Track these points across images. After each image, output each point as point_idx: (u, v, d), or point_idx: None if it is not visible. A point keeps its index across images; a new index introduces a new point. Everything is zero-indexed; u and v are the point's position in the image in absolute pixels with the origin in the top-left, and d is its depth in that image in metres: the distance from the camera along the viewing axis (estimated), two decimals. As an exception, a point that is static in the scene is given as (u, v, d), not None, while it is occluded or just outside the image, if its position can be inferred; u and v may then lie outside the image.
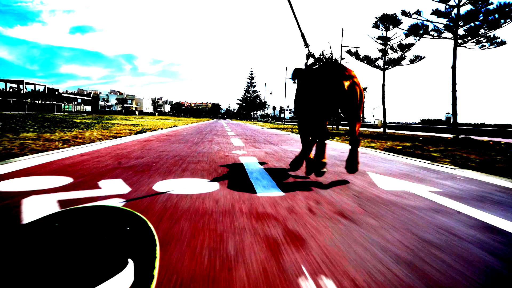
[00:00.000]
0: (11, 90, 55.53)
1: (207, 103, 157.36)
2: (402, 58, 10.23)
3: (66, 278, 0.58)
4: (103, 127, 6.78)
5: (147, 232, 0.78)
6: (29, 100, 46.62)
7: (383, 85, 10.68)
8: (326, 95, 1.62)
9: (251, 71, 76.95)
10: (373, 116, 38.91)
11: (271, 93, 52.76)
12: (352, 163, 1.78)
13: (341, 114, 1.79)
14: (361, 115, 1.72)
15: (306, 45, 2.05)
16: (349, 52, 11.39)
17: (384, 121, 10.62)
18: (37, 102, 47.99)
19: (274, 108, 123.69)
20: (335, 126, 20.94)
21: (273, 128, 11.46)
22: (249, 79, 75.84)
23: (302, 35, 2.05)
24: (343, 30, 19.40)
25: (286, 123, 35.59)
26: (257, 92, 75.46)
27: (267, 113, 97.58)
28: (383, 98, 10.64)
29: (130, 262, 0.64)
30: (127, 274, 0.60)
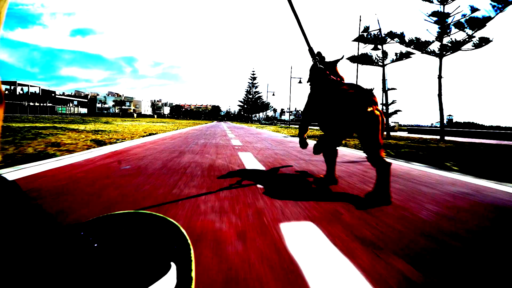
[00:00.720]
0: (6, 92, 53.19)
1: (207, 105, 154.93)
2: (467, 40, 7.52)
3: (118, 281, 0.55)
4: (25, 139, 4.06)
5: (181, 236, 0.75)
6: (23, 103, 44.25)
7: (440, 77, 7.96)
8: (347, 122, 1.39)
9: (253, 71, 74.01)
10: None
11: (273, 94, 49.98)
12: (383, 190, 1.28)
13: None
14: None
15: (314, 59, 1.80)
16: (389, 34, 8.67)
17: (441, 125, 7.87)
18: (30, 104, 45.61)
19: (275, 110, 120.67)
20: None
21: (296, 135, 8.46)
22: (251, 79, 72.99)
23: (310, 49, 1.80)
24: (360, 19, 16.92)
25: (290, 126, 32.91)
26: (259, 93, 72.57)
27: (267, 115, 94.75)
28: (439, 95, 7.90)
29: (173, 265, 0.61)
30: (172, 276, 0.59)
